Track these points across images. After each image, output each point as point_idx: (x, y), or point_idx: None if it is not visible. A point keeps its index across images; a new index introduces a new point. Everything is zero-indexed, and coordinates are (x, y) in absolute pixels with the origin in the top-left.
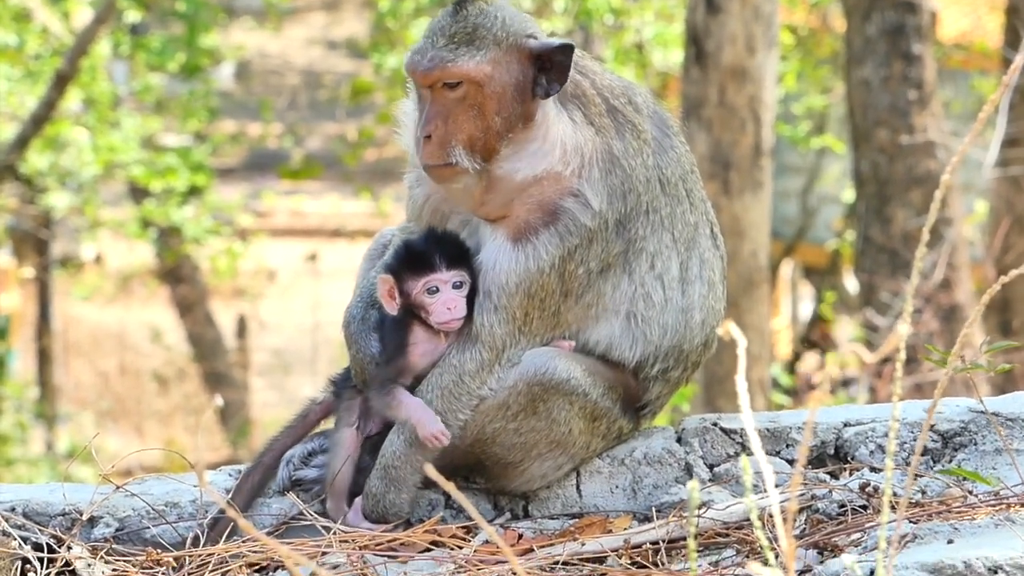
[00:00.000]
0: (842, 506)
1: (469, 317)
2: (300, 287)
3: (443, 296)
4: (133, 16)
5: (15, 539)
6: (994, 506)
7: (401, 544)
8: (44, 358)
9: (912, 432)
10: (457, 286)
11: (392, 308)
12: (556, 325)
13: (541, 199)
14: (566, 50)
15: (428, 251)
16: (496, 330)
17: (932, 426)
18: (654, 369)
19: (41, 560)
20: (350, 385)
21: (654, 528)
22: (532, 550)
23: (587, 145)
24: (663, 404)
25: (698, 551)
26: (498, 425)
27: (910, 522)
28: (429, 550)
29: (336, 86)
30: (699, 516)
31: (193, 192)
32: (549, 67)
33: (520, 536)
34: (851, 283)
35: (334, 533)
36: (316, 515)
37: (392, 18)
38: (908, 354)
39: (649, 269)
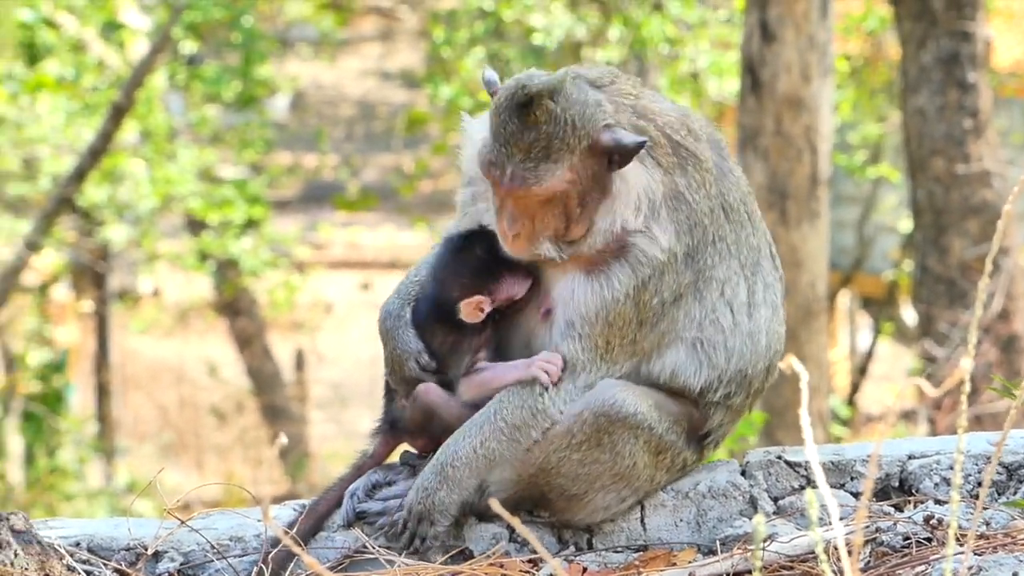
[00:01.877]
0: (907, 539)
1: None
2: (357, 319)
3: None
4: (189, 47)
5: (79, 573)
6: None
7: None
8: (102, 392)
9: (976, 464)
10: None
11: (478, 318)
12: (633, 353)
13: (611, 238)
14: (641, 147)
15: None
16: (580, 356)
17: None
18: (717, 395)
19: None
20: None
21: (718, 561)
22: None
23: (656, 189)
24: (726, 433)
25: None
26: (563, 455)
27: (975, 554)
28: None
29: (391, 117)
30: (764, 549)
31: (250, 224)
32: (623, 152)
33: (584, 570)
34: (909, 314)
35: (398, 567)
36: (380, 549)
37: (447, 48)
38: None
39: (720, 296)
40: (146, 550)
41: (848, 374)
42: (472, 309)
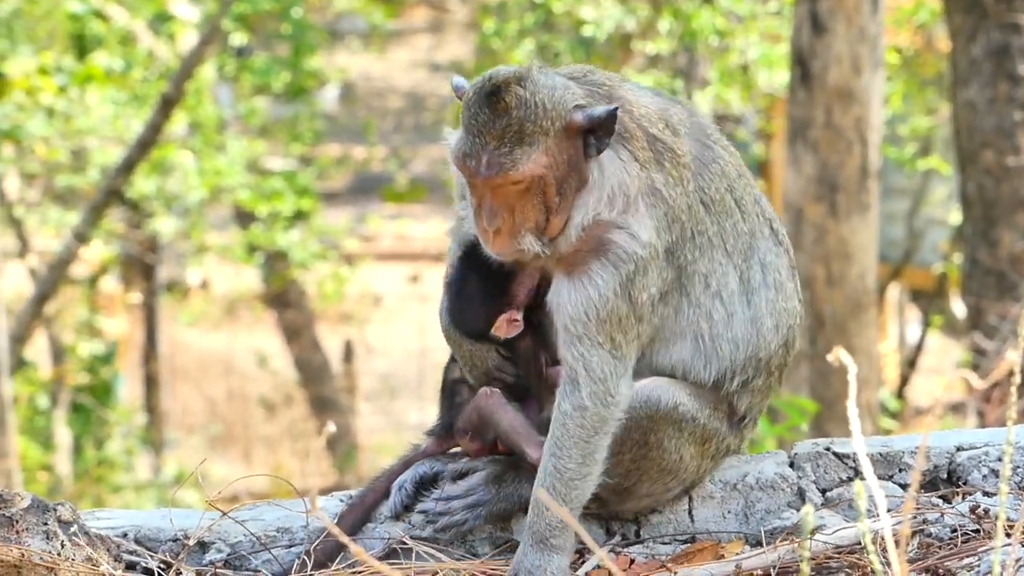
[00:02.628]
0: (954, 530)
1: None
2: (405, 311)
3: None
4: (238, 39)
5: (120, 565)
6: None
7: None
8: (151, 383)
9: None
10: None
11: (519, 328)
12: (639, 348)
13: (589, 236)
14: (613, 116)
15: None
16: (590, 358)
17: None
18: (734, 384)
19: None
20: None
21: (765, 553)
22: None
23: (632, 183)
24: (760, 411)
25: None
26: (612, 460)
27: (1023, 546)
28: None
29: (440, 109)
30: (811, 539)
31: (299, 216)
32: (597, 127)
33: (632, 561)
34: (958, 306)
35: (442, 560)
36: (423, 541)
37: (497, 40)
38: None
39: (704, 289)
40: (190, 541)
41: (897, 367)
42: (506, 327)
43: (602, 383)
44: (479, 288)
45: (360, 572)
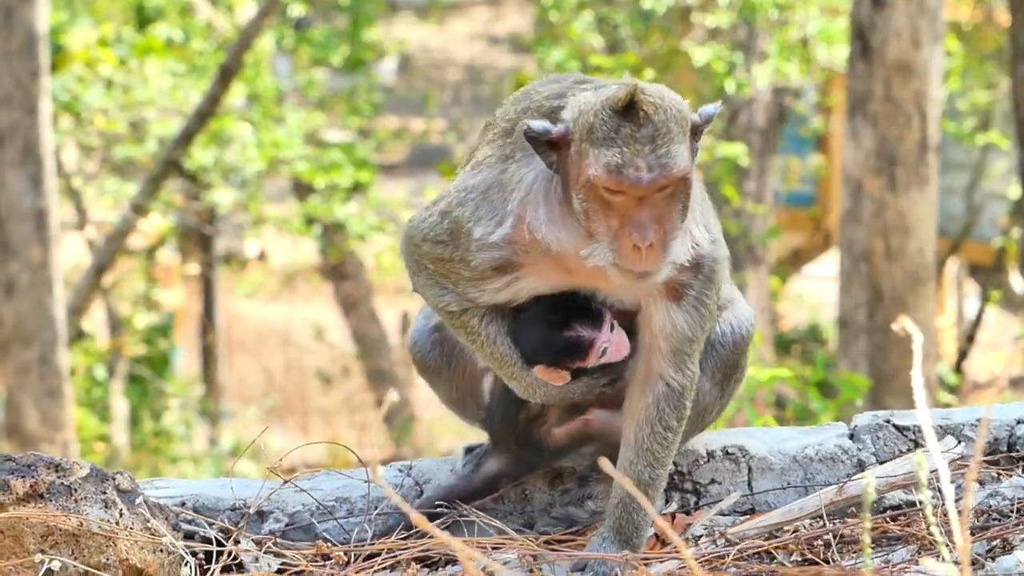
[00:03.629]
0: (1013, 503)
1: None
2: None
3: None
4: (297, 10)
5: (177, 534)
6: None
7: (572, 543)
8: (208, 355)
9: None
10: None
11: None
12: None
13: (688, 247)
14: (714, 114)
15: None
16: (693, 373)
17: None
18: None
19: (209, 554)
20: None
21: (815, 501)
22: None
23: (699, 187)
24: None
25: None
26: (720, 397)
27: None
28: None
29: (498, 81)
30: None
31: (357, 188)
32: (700, 129)
33: (688, 525)
34: (1017, 281)
35: (502, 532)
36: (483, 512)
37: (555, 12)
38: None
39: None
40: (250, 509)
41: (955, 341)
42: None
43: (693, 390)
44: (565, 335)
45: (423, 542)
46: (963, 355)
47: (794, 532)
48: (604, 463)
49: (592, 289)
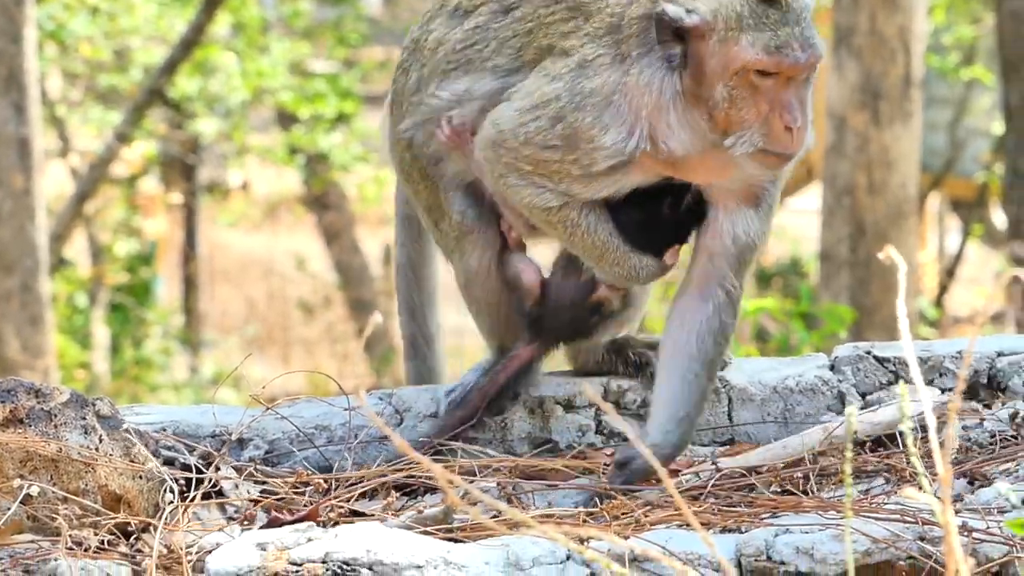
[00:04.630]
0: (993, 436)
1: None
2: None
3: None
4: None
5: (157, 460)
6: None
7: (550, 471)
8: (190, 285)
9: None
10: None
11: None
12: None
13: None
14: None
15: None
16: (743, 289)
17: None
18: None
19: (188, 481)
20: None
21: (800, 444)
22: (677, 472)
23: None
24: None
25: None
26: None
27: None
28: (578, 477)
29: None
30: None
31: (341, 119)
32: None
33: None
34: (999, 216)
35: (482, 458)
36: (464, 442)
37: None
38: None
39: None
40: (230, 436)
41: (936, 276)
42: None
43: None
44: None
45: (405, 467)
46: (944, 290)
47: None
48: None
49: (685, 180)
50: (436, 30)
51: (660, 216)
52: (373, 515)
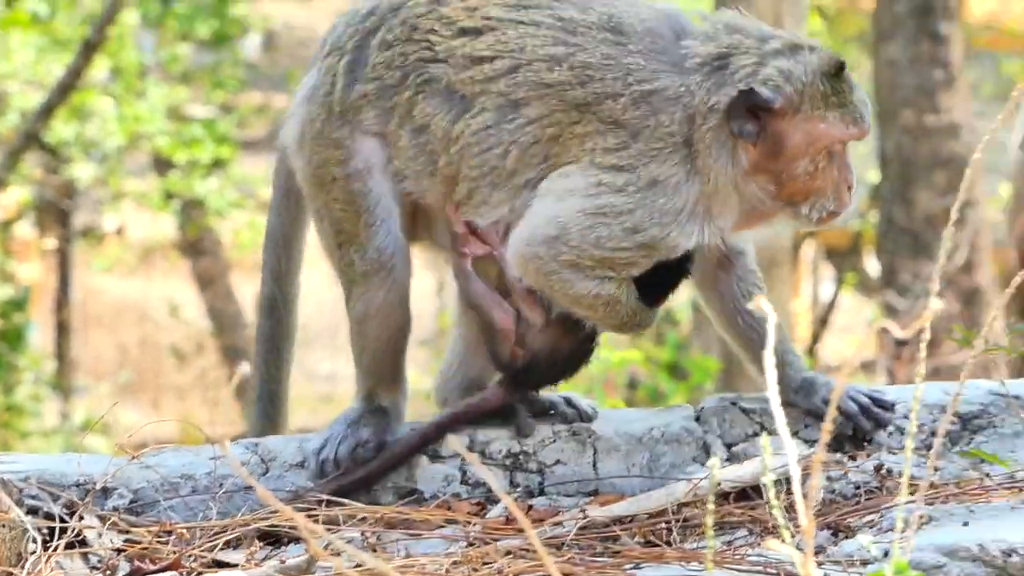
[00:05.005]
0: (857, 487)
1: None
2: (318, 262)
3: None
4: None
5: (21, 510)
6: (1010, 489)
7: (415, 520)
8: (63, 330)
9: (931, 414)
10: None
11: None
12: None
13: None
14: None
15: None
16: None
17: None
18: None
19: (52, 530)
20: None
21: (665, 496)
22: (542, 520)
23: None
24: None
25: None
26: None
27: (926, 503)
28: (442, 527)
29: None
30: (708, 480)
31: (217, 164)
32: None
33: (530, 507)
34: (872, 265)
35: (346, 508)
36: (331, 493)
37: None
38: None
39: None
40: (95, 485)
41: (810, 325)
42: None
43: None
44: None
45: (269, 516)
46: (816, 338)
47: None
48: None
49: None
50: (428, 109)
51: (683, 273)
52: (236, 565)
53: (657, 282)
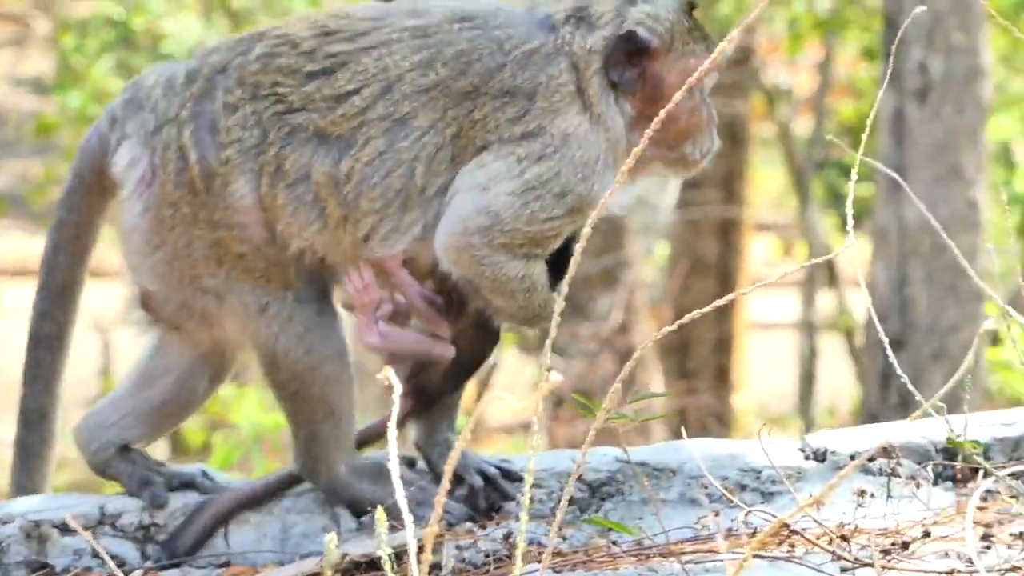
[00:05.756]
0: (487, 556)
1: None
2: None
3: None
4: None
5: None
6: (636, 556)
7: None
8: None
9: (559, 482)
10: None
11: None
12: None
13: None
14: None
15: None
16: None
17: (579, 476)
18: None
19: None
20: None
21: (295, 569)
22: None
23: None
24: None
25: None
26: None
27: (553, 572)
28: None
29: (21, 123)
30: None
31: None
32: None
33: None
34: None
35: None
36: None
37: (78, 55)
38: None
39: None
40: None
41: (473, 384)
42: None
43: None
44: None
45: None
46: (479, 397)
47: None
48: None
49: None
50: (302, 160)
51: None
52: None
53: (552, 265)
